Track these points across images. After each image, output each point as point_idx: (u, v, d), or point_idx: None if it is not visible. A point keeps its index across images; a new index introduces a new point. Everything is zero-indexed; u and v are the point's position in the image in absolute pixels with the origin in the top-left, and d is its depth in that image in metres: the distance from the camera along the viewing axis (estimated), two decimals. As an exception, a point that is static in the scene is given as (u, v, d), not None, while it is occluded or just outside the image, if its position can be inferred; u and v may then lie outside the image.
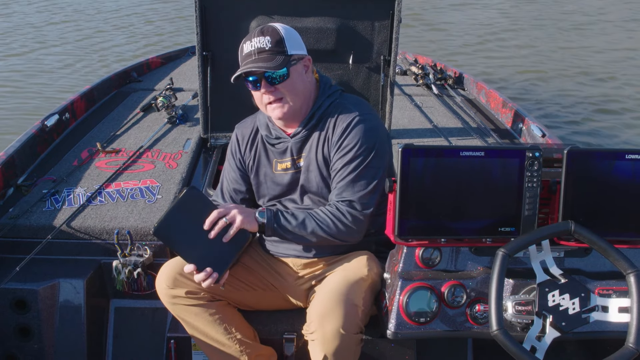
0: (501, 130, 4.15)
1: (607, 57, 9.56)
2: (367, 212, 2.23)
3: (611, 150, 1.97)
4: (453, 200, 1.93)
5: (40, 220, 2.93)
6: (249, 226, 2.18)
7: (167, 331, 2.67)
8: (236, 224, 2.14)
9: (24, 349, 2.70)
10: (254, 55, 2.19)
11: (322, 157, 2.29)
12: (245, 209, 2.23)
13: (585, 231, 1.88)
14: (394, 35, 3.45)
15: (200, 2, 3.40)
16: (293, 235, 2.24)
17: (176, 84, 4.68)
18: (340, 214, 2.21)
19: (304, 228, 2.22)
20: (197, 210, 2.15)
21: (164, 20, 11.67)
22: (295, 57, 2.22)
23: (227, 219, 2.14)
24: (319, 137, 2.30)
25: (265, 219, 2.21)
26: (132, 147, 3.62)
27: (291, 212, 2.25)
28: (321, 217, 2.22)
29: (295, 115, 2.29)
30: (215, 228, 2.13)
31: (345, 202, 2.22)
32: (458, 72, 5.17)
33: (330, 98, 2.32)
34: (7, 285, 2.63)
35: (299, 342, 2.46)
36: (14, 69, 8.94)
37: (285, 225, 2.22)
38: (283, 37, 2.20)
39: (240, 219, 2.15)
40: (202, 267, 2.13)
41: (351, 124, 2.23)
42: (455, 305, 2.00)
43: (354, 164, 2.22)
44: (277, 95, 2.22)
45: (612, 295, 1.97)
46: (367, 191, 2.22)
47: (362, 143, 2.22)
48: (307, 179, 2.33)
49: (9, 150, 3.34)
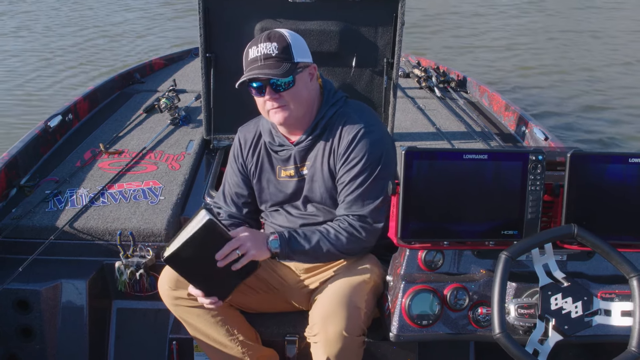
0: (504, 134, 4.15)
1: (611, 60, 9.55)
2: (379, 225, 2.21)
3: (614, 154, 1.97)
4: (456, 203, 1.93)
5: (43, 220, 2.93)
6: (261, 257, 2.14)
7: (169, 332, 2.67)
8: (247, 257, 2.09)
9: (26, 349, 2.70)
10: (259, 61, 2.15)
11: (328, 168, 2.27)
12: (257, 236, 2.16)
13: (588, 234, 1.87)
14: (397, 38, 3.45)
15: (204, 4, 3.40)
16: (307, 258, 2.23)
17: (179, 85, 4.69)
18: (353, 230, 2.19)
19: (319, 249, 2.19)
20: (211, 240, 2.09)
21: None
22: (302, 65, 2.19)
23: (239, 251, 2.09)
24: (324, 147, 2.28)
25: (278, 248, 2.16)
26: (135, 149, 3.62)
27: (303, 234, 2.20)
28: (334, 235, 2.19)
29: (297, 122, 2.27)
30: (226, 260, 2.08)
31: (356, 217, 2.20)
32: (461, 75, 5.17)
33: (335, 106, 2.30)
34: (10, 285, 2.63)
35: (300, 344, 2.46)
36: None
37: (299, 250, 2.18)
38: (290, 43, 2.17)
39: (253, 253, 2.10)
40: (208, 292, 2.13)
41: (357, 136, 2.21)
42: (457, 308, 1.99)
43: (362, 177, 2.20)
44: (281, 102, 2.19)
45: (615, 298, 1.96)
46: (377, 204, 2.20)
47: (369, 156, 2.20)
48: (311, 189, 2.32)
49: (12, 150, 3.34)
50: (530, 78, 8.62)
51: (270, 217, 2.44)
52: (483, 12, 12.90)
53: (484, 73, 8.47)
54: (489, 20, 12.16)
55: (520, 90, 8.05)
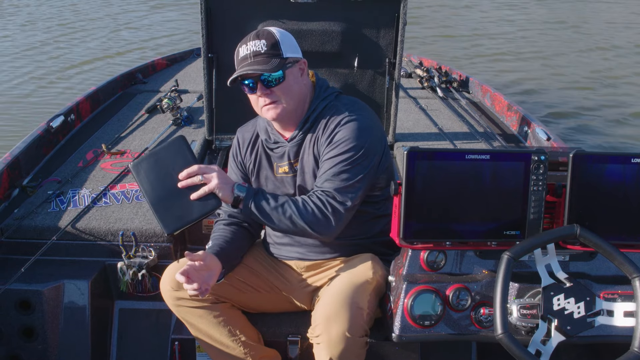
0: (506, 134, 4.15)
1: (614, 59, 9.54)
2: (347, 205, 2.18)
3: (617, 154, 1.97)
4: (458, 203, 1.93)
5: (45, 221, 2.93)
6: (222, 193, 2.10)
7: (171, 333, 2.67)
8: (209, 186, 2.08)
9: (28, 349, 2.70)
10: (249, 59, 2.19)
11: (313, 158, 2.28)
12: (227, 177, 2.15)
13: (590, 235, 1.87)
14: (399, 38, 3.45)
15: (206, 4, 3.40)
16: (267, 218, 2.17)
17: (181, 85, 4.69)
18: (321, 204, 2.16)
19: (283, 213, 2.15)
20: (179, 158, 2.09)
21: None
22: (291, 60, 2.22)
23: (204, 177, 2.08)
24: (310, 139, 2.29)
25: (243, 193, 2.14)
26: (137, 149, 3.63)
27: (273, 195, 2.19)
28: (301, 204, 2.17)
29: (290, 117, 2.28)
30: (187, 181, 2.07)
31: (327, 193, 2.18)
32: (463, 75, 5.17)
33: (325, 101, 2.31)
34: (12, 285, 2.63)
35: (303, 344, 2.46)
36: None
37: (263, 205, 2.15)
38: (278, 40, 2.20)
39: (216, 183, 2.08)
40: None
41: (341, 122, 2.22)
42: (460, 309, 1.99)
43: (340, 158, 2.19)
44: (273, 97, 2.21)
45: (618, 299, 1.96)
46: (348, 184, 2.18)
47: (351, 140, 2.19)
48: (303, 181, 2.33)
49: (15, 151, 3.35)
50: (532, 78, 8.61)
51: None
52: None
53: (486, 73, 8.47)
54: (495, 21, 12.16)
55: (523, 90, 8.05)
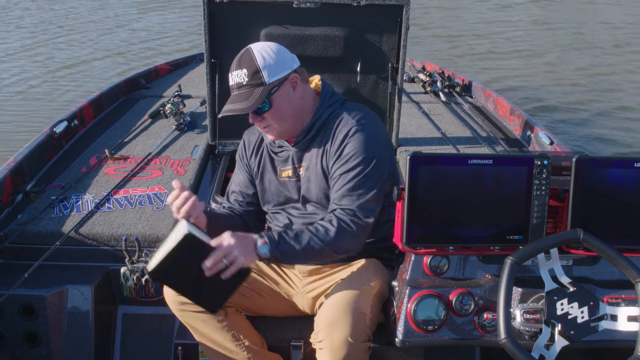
0: (509, 138, 4.15)
1: (617, 63, 9.54)
2: (370, 220, 2.18)
3: (620, 158, 1.97)
4: (461, 208, 1.92)
5: (49, 226, 2.94)
6: (251, 263, 2.09)
7: (174, 338, 2.67)
8: (236, 265, 2.03)
9: (31, 355, 2.70)
10: (235, 90, 2.21)
11: (321, 169, 2.28)
12: (244, 242, 2.07)
13: (593, 239, 1.87)
14: (401, 43, 3.45)
15: (209, 9, 3.41)
16: (297, 260, 2.23)
17: (184, 90, 4.70)
18: (343, 225, 2.15)
19: (310, 248, 2.13)
20: (194, 251, 2.03)
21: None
22: (276, 83, 2.18)
23: (227, 260, 2.02)
24: (318, 148, 2.28)
25: (268, 254, 2.10)
26: (140, 154, 3.63)
27: (293, 235, 2.14)
28: (323, 232, 2.14)
29: (290, 134, 2.30)
30: (213, 270, 2.02)
31: (347, 211, 2.17)
32: (466, 80, 5.17)
33: (331, 108, 2.30)
34: (16, 291, 2.63)
35: (306, 349, 2.45)
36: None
37: (290, 252, 2.12)
38: (259, 67, 2.16)
39: (242, 260, 2.03)
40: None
41: (349, 134, 2.21)
42: (463, 314, 1.99)
43: (354, 172, 2.18)
44: (265, 123, 2.24)
45: (621, 303, 1.96)
46: (367, 199, 2.18)
47: (361, 152, 2.19)
48: (307, 189, 2.33)
49: (18, 156, 3.36)
50: (535, 82, 8.62)
51: (274, 219, 2.46)
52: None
53: (489, 78, 8.47)
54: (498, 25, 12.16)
55: (526, 94, 8.05)
